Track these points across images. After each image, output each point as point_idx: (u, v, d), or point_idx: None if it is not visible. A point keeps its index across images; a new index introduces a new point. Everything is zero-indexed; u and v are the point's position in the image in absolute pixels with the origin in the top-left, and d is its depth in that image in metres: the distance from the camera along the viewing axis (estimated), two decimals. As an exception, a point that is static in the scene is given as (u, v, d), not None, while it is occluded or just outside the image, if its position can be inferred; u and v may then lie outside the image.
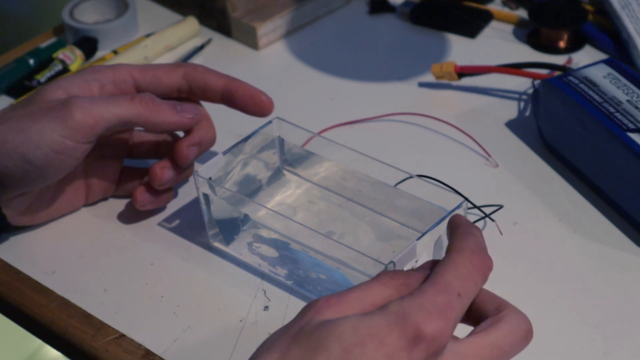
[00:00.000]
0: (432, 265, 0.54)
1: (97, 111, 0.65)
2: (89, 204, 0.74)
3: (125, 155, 0.73)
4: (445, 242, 0.63)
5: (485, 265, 0.53)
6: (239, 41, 0.91)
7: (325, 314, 0.50)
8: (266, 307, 0.66)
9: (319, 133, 0.78)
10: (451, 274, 0.51)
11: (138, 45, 0.89)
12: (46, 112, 0.65)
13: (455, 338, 0.51)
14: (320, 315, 0.50)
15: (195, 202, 0.73)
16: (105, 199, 0.74)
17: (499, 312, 0.52)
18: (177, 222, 0.72)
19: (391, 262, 0.59)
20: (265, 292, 0.67)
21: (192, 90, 0.71)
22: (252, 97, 0.70)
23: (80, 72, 0.70)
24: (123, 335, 0.64)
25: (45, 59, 0.89)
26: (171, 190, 0.72)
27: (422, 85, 0.85)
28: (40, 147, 0.64)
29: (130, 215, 0.73)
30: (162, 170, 0.69)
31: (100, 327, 0.65)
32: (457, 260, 0.52)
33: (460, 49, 0.89)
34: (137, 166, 0.75)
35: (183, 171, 0.70)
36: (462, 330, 0.53)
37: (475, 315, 0.53)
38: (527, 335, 0.52)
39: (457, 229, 0.55)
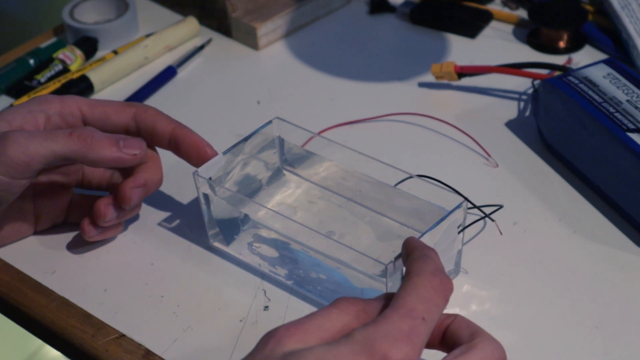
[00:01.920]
0: (389, 297, 0.53)
1: (32, 148, 0.63)
2: (38, 231, 0.72)
3: (74, 185, 0.71)
4: (445, 242, 0.63)
5: (446, 287, 0.52)
6: (239, 41, 0.91)
7: (286, 344, 0.49)
8: (266, 307, 0.66)
9: (319, 133, 0.78)
10: (413, 297, 0.50)
11: (138, 45, 0.89)
12: None
13: None
14: (281, 346, 0.49)
15: (195, 202, 0.73)
16: (55, 225, 0.72)
17: (472, 339, 0.51)
18: (177, 222, 0.72)
19: (391, 262, 0.59)
20: (265, 292, 0.67)
21: (140, 132, 0.69)
22: (197, 149, 0.68)
23: (28, 102, 0.68)
24: (123, 335, 0.64)
25: (45, 59, 0.89)
26: (120, 225, 0.70)
27: (422, 85, 0.85)
28: None
29: (130, 215, 0.73)
30: (106, 208, 0.67)
31: (100, 327, 0.65)
32: (418, 283, 0.51)
33: (460, 49, 0.89)
34: (89, 193, 0.73)
35: (128, 210, 0.69)
36: (437, 357, 0.53)
37: (449, 342, 0.53)
38: None
39: (413, 252, 0.55)
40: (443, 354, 0.52)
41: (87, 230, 0.69)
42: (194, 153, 0.68)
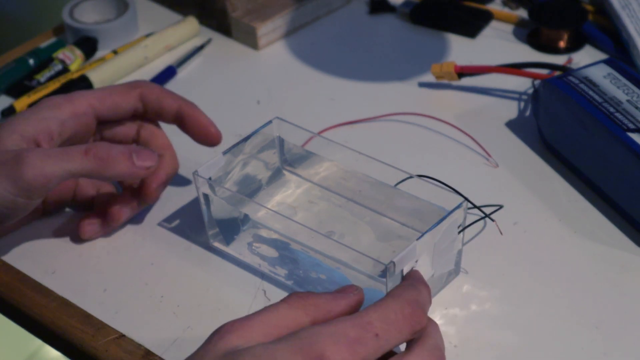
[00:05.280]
0: (342, 290, 0.53)
1: (49, 169, 0.62)
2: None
3: None
4: (445, 242, 0.63)
5: (416, 320, 0.51)
6: (239, 41, 0.91)
7: (229, 340, 0.49)
8: (266, 307, 0.66)
9: (319, 133, 0.78)
10: (376, 314, 0.50)
11: (138, 45, 0.89)
12: None
13: None
14: (224, 342, 0.49)
15: (195, 202, 0.73)
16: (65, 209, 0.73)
17: None
18: (177, 222, 0.72)
19: (391, 262, 0.59)
20: (265, 292, 0.67)
21: (147, 111, 0.70)
22: (201, 126, 0.70)
23: (38, 107, 0.67)
24: (123, 335, 0.64)
25: (45, 59, 0.89)
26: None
27: (422, 85, 0.85)
28: None
29: (130, 215, 0.73)
30: (121, 211, 0.69)
31: (100, 327, 0.65)
32: (388, 304, 0.51)
33: (460, 49, 0.89)
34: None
35: (109, 226, 0.70)
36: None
37: None
38: None
39: (406, 279, 0.54)
40: None
41: (87, 231, 0.70)
42: (198, 131, 0.70)
